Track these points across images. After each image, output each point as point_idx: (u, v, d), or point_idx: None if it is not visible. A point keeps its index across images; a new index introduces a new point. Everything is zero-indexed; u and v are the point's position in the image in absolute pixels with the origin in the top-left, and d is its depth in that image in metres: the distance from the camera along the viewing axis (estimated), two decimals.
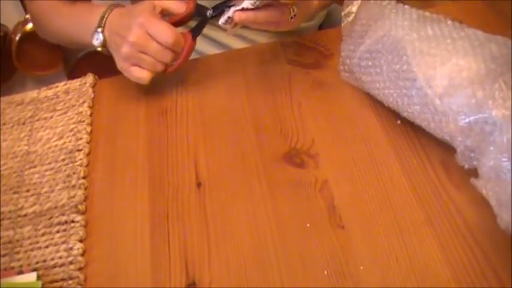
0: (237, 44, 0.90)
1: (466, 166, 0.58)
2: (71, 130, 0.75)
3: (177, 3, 0.74)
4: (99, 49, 0.76)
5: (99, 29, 0.74)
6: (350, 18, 0.69)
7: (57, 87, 0.82)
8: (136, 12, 0.71)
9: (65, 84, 0.82)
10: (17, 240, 0.65)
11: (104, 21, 0.75)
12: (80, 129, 0.75)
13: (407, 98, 0.62)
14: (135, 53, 0.71)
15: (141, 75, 0.72)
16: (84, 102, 0.79)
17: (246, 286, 0.57)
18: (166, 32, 0.69)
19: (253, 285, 0.57)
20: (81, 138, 0.74)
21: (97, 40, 0.75)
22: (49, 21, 0.88)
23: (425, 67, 0.60)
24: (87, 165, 0.71)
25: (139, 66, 0.72)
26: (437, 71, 0.59)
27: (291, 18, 0.71)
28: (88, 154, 0.72)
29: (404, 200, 0.61)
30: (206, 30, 0.79)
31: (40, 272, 0.61)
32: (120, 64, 0.73)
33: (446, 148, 0.62)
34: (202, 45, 0.91)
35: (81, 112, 0.77)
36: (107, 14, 0.75)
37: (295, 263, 0.58)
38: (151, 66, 0.71)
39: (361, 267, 0.56)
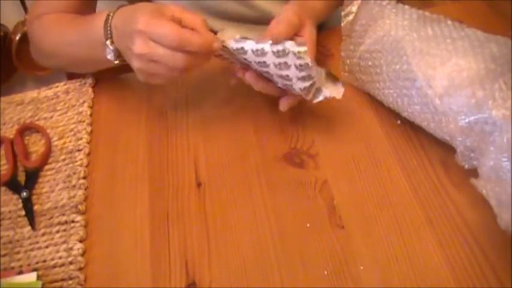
0: None
1: (466, 166, 0.58)
2: (71, 130, 0.75)
3: (193, 16, 0.62)
4: (117, 62, 0.68)
5: (108, 42, 0.66)
6: (350, 18, 0.69)
7: (57, 87, 0.82)
8: (135, 17, 0.61)
9: (65, 84, 0.82)
10: (17, 240, 0.65)
11: (109, 31, 0.66)
12: (80, 129, 0.75)
13: (407, 98, 0.62)
14: (146, 65, 0.62)
15: (161, 82, 0.66)
16: (84, 102, 0.79)
17: (246, 286, 0.57)
18: (168, 34, 0.59)
19: (253, 285, 0.57)
20: (81, 138, 0.74)
21: (109, 54, 0.67)
22: (55, 38, 0.77)
23: (425, 67, 0.60)
24: (87, 165, 0.71)
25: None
26: (437, 71, 0.59)
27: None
28: (88, 154, 0.72)
29: (404, 200, 0.61)
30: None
31: (40, 272, 0.61)
32: (139, 77, 0.65)
33: (446, 148, 0.62)
34: None
35: (81, 112, 0.77)
36: (110, 19, 0.66)
37: (295, 263, 0.58)
38: (167, 74, 0.63)
39: (361, 267, 0.56)
